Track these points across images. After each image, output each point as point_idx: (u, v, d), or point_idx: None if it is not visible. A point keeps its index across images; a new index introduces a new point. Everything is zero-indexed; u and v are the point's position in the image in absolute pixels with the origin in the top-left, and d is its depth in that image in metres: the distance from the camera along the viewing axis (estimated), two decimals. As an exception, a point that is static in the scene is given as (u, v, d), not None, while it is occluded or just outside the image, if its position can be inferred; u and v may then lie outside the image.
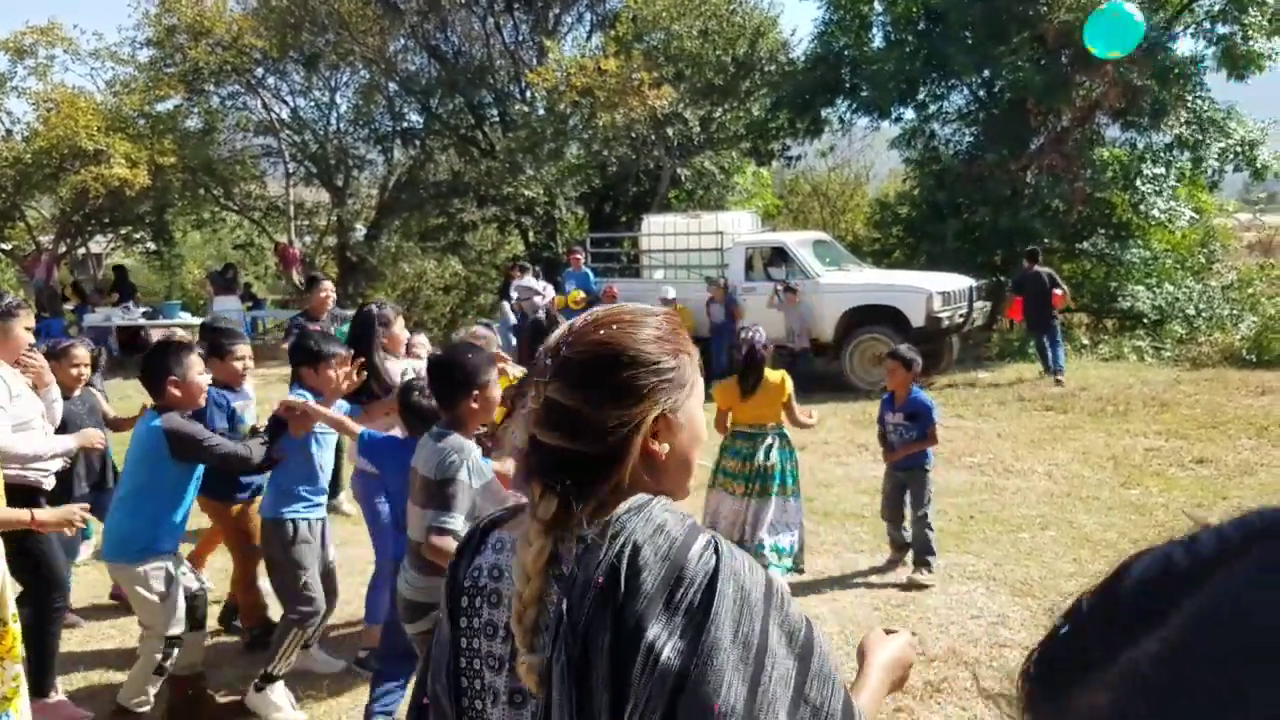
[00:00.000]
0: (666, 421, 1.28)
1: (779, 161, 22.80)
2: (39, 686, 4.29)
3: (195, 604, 4.30)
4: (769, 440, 5.72)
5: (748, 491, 5.69)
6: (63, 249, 22.00)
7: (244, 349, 5.21)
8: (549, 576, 1.25)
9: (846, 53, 18.05)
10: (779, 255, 13.91)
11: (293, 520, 4.44)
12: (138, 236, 23.81)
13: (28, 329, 4.40)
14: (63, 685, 4.71)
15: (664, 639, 1.13)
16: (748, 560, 1.22)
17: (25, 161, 18.64)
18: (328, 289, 7.57)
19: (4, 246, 21.91)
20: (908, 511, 6.21)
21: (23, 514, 3.67)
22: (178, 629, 4.12)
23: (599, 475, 1.24)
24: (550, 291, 15.32)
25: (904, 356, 6.13)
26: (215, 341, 5.27)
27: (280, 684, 4.48)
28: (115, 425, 5.80)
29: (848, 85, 18.33)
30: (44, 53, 19.87)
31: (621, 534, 1.20)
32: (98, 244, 25.15)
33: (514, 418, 3.26)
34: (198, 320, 18.37)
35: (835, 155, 23.79)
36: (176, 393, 4.09)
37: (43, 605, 4.37)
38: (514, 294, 15.14)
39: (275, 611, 4.88)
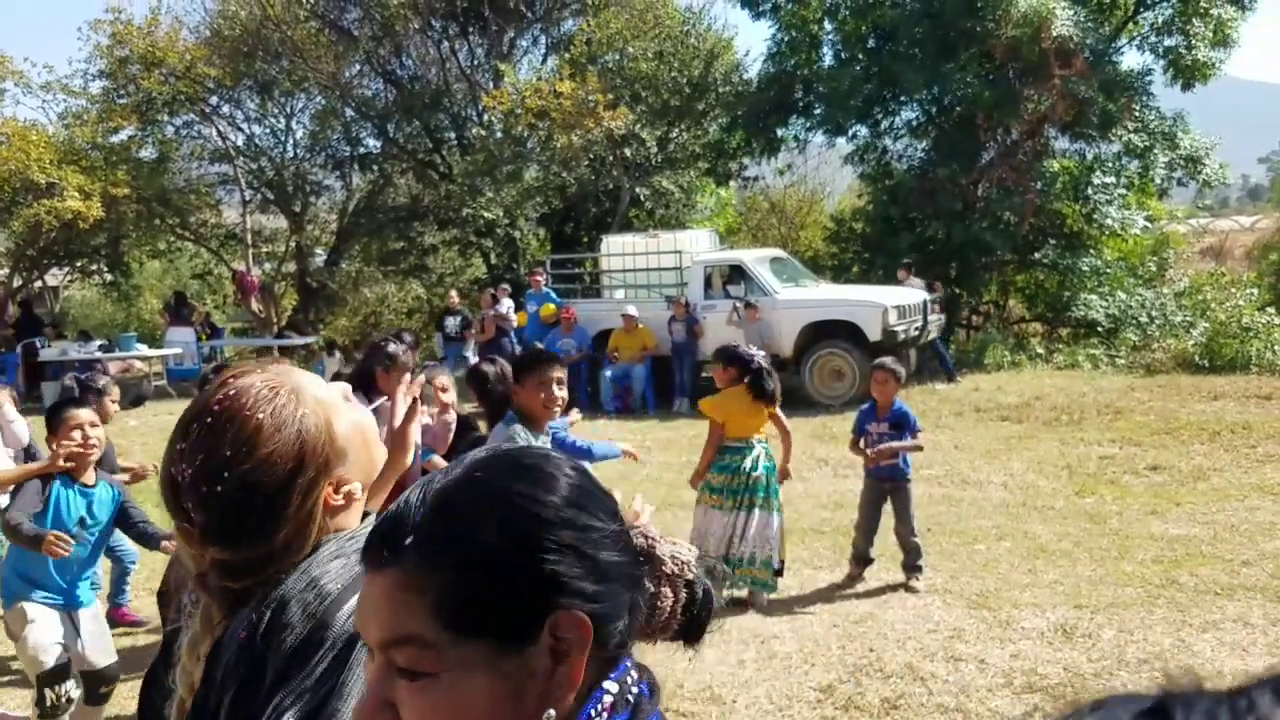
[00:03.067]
0: (340, 479, 1.31)
1: (736, 181, 22.93)
2: None
3: (98, 678, 4.17)
4: (756, 451, 5.86)
5: (737, 505, 5.79)
6: (17, 283, 21.71)
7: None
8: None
9: (799, 71, 18.20)
10: (737, 273, 13.97)
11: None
12: (93, 269, 23.49)
13: None
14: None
15: (288, 704, 1.13)
16: None
17: (-24, 196, 18.39)
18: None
19: (-45, 282, 21.56)
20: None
21: None
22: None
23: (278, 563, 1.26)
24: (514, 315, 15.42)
25: (893, 369, 6.31)
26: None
27: None
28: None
29: (801, 104, 18.50)
30: (-6, 87, 19.63)
31: (278, 589, 1.21)
32: (53, 277, 24.85)
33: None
34: (154, 352, 18.28)
35: (792, 173, 23.96)
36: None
37: None
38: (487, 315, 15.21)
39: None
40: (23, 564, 4.06)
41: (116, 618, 5.72)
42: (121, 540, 5.33)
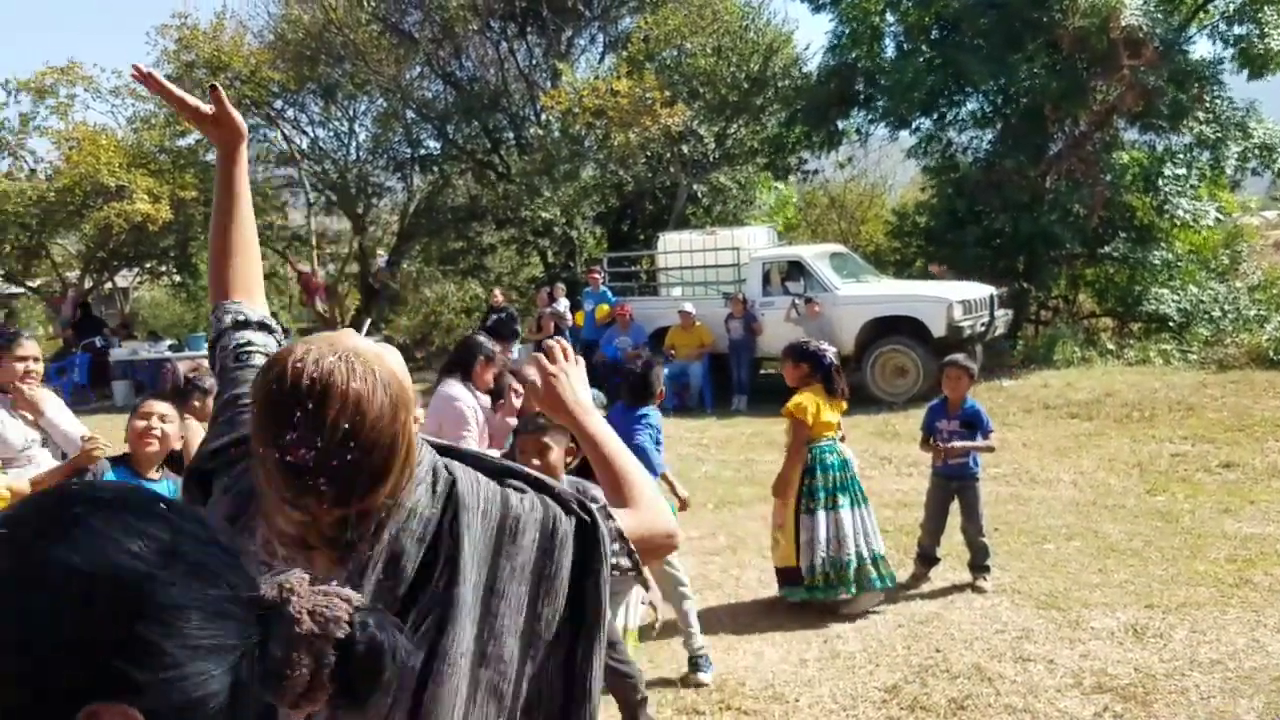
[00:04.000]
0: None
1: (796, 175, 22.76)
2: None
3: None
4: (837, 448, 5.79)
5: (830, 504, 5.62)
6: (89, 285, 22.28)
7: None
8: None
9: (860, 64, 18.01)
10: (796, 269, 13.85)
11: None
12: (162, 270, 24.07)
13: (22, 359, 4.41)
14: None
15: (429, 618, 1.36)
16: None
17: (49, 200, 18.86)
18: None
19: (31, 284, 22.18)
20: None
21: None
22: None
23: None
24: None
25: (966, 365, 6.18)
26: None
27: None
28: None
29: (862, 96, 18.30)
30: (65, 92, 20.13)
31: (386, 526, 1.37)
32: (123, 279, 25.48)
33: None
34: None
35: (853, 166, 23.71)
36: None
37: None
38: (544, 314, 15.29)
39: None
40: None
41: None
42: None
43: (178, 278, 24.73)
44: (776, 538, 5.82)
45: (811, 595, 5.59)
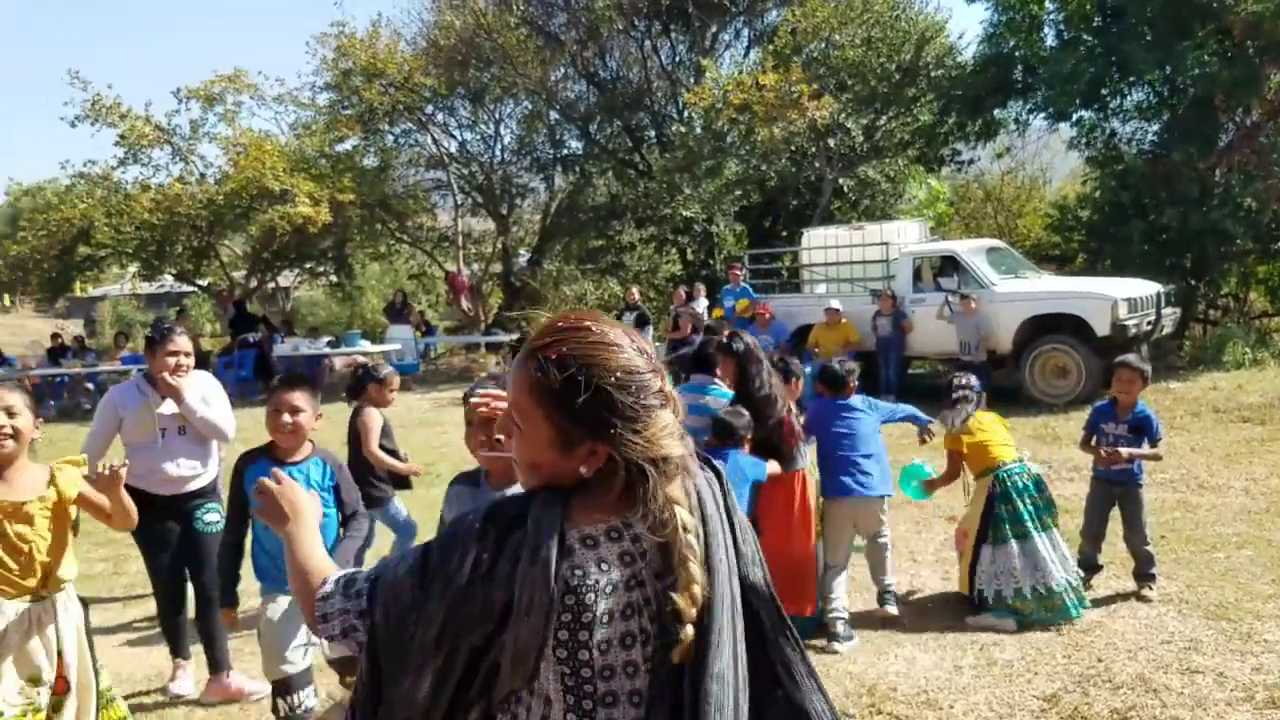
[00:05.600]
0: None
1: (949, 167, 22.11)
2: (211, 664, 4.86)
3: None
4: (1030, 468, 5.62)
5: (1020, 533, 5.38)
6: (253, 284, 23.37)
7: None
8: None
9: (1018, 53, 17.41)
10: (949, 264, 13.38)
11: None
12: (320, 270, 25.08)
13: (173, 353, 4.69)
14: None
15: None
16: None
17: (218, 203, 19.82)
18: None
19: (201, 283, 23.40)
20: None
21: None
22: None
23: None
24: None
25: (1140, 367, 5.81)
26: None
27: None
28: None
29: (1020, 86, 17.70)
30: (232, 99, 21.12)
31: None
32: (285, 278, 26.65)
33: None
34: (377, 348, 19.27)
35: (1010, 157, 22.89)
36: None
37: (200, 591, 4.89)
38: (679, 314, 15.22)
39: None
40: (265, 553, 4.02)
41: None
42: None
43: (334, 278, 25.73)
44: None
45: (1022, 616, 5.26)
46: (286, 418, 3.95)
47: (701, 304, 15.44)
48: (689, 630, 1.40)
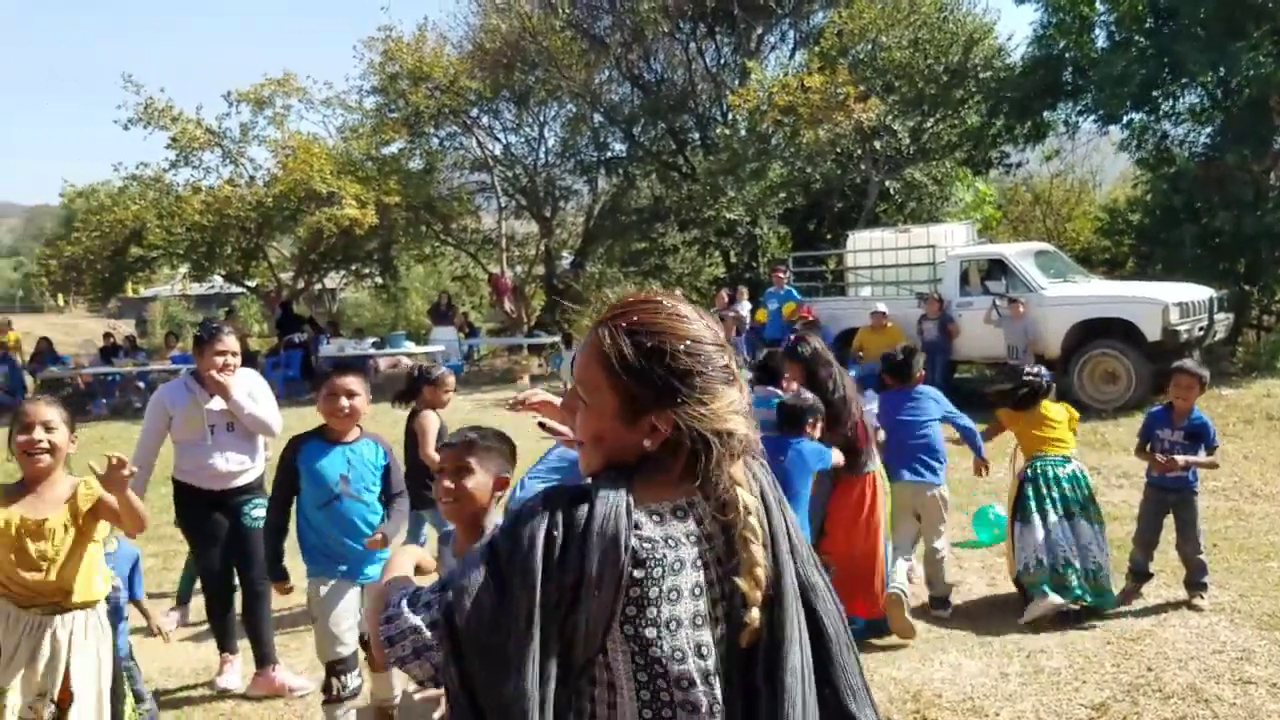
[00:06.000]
0: None
1: (997, 170, 21.87)
2: (257, 658, 4.95)
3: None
4: (1073, 466, 5.75)
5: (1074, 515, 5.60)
6: (300, 285, 23.62)
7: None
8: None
9: (1068, 54, 17.17)
10: (997, 268, 13.23)
11: None
12: (366, 272, 25.30)
13: (221, 352, 4.80)
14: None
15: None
16: None
17: (267, 205, 20.02)
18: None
19: (250, 283, 23.69)
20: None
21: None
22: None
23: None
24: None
25: (1198, 373, 5.70)
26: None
27: None
28: None
29: (1070, 88, 17.46)
30: (281, 103, 21.30)
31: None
32: (331, 280, 26.90)
33: None
34: (421, 349, 19.40)
35: (1059, 160, 22.58)
36: None
37: (248, 586, 4.97)
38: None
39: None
40: (315, 533, 4.11)
41: None
42: None
43: (379, 280, 25.94)
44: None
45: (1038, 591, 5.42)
46: (343, 401, 4.09)
47: (744, 306, 15.37)
48: (754, 614, 1.40)
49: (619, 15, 22.67)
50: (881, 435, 5.60)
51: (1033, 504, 5.55)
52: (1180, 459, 5.51)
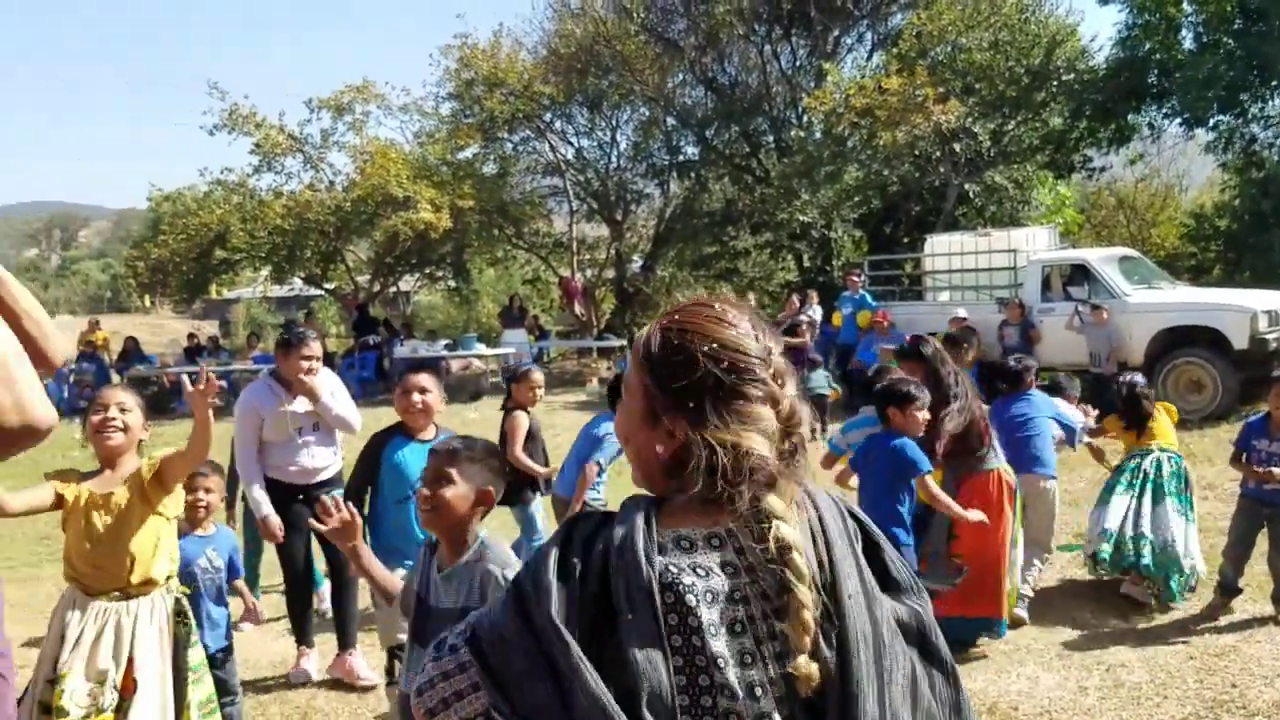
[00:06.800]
0: None
1: (1080, 174, 21.38)
2: (340, 640, 5.18)
3: None
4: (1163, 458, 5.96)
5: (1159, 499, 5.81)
6: (376, 288, 24.00)
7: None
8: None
9: (1154, 56, 16.77)
10: (1080, 273, 12.93)
11: None
12: (439, 275, 25.62)
13: (307, 357, 4.97)
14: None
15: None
16: None
17: (345, 209, 20.40)
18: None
19: (328, 286, 24.15)
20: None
21: None
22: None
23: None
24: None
25: None
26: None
27: None
28: None
29: (1155, 90, 17.05)
30: (360, 109, 21.69)
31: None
32: (405, 282, 27.29)
33: None
34: (492, 351, 19.58)
35: (1144, 163, 22.03)
36: None
37: (337, 572, 5.20)
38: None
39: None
40: (387, 525, 4.25)
41: None
42: None
43: (452, 282, 26.25)
44: None
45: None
46: (416, 397, 4.31)
47: (815, 311, 15.20)
48: (802, 661, 1.25)
49: (694, 18, 22.64)
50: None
51: (1119, 487, 5.79)
52: (1279, 471, 5.32)
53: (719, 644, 1.25)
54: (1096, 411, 6.83)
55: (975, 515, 4.75)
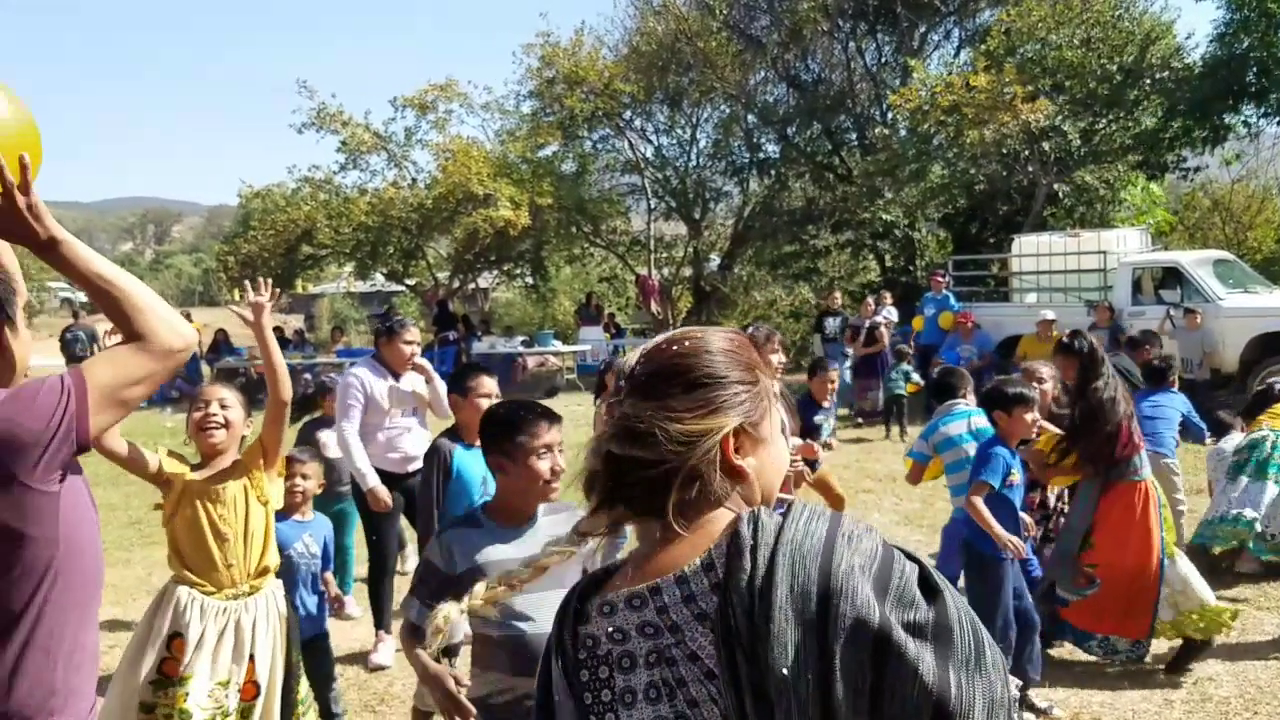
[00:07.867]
0: (747, 435, 1.29)
1: (1174, 175, 20.70)
2: (376, 621, 5.37)
3: None
4: None
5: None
6: (455, 284, 24.29)
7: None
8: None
9: (1252, 54, 16.15)
10: (1172, 276, 12.59)
11: None
12: (517, 272, 25.83)
13: (409, 343, 5.29)
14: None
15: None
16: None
17: (427, 207, 20.70)
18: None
19: (409, 282, 24.51)
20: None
21: None
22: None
23: (664, 489, 1.24)
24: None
25: None
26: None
27: None
28: None
29: (1254, 89, 16.42)
30: (443, 107, 21.98)
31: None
32: (484, 279, 27.57)
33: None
34: (568, 348, 19.66)
35: (1240, 164, 21.25)
36: None
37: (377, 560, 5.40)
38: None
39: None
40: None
41: None
42: None
43: (530, 280, 26.44)
44: None
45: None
46: (481, 402, 4.14)
47: (890, 312, 14.92)
48: None
49: (777, 15, 22.47)
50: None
51: (1250, 458, 5.86)
52: None
53: (634, 713, 1.21)
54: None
55: (1010, 537, 4.33)
